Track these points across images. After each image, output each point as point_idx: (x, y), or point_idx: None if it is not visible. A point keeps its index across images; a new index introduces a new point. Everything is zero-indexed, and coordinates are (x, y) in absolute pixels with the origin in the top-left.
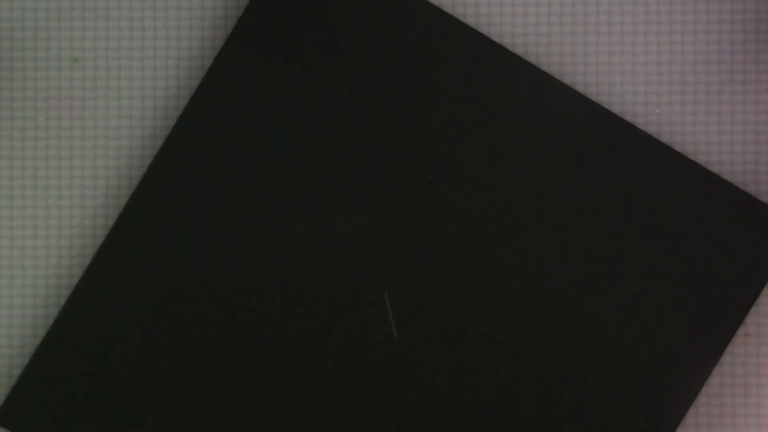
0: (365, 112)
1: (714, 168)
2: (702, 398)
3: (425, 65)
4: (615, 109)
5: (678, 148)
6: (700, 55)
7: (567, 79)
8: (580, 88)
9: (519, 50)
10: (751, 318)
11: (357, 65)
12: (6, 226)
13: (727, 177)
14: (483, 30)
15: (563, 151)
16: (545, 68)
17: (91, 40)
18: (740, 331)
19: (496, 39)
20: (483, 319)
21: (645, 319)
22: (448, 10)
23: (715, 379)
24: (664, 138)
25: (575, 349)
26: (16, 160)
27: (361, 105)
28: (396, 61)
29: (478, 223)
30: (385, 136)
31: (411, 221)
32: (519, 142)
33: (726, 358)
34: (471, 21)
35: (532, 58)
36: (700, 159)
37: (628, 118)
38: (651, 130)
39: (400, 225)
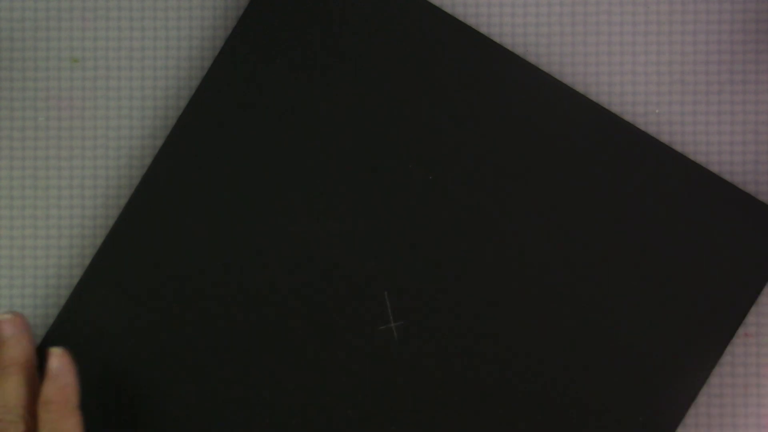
0: (365, 113)
1: (714, 168)
2: (702, 398)
3: (425, 65)
4: (615, 109)
5: (678, 148)
6: (700, 55)
7: (567, 80)
8: (580, 89)
9: (519, 50)
10: (751, 318)
11: (357, 65)
12: (6, 226)
13: (727, 177)
14: (483, 30)
15: (563, 151)
16: (545, 68)
17: (91, 40)
18: (740, 331)
19: (496, 39)
20: (483, 319)
21: (645, 318)
22: (448, 10)
23: (715, 379)
24: (664, 138)
25: (575, 349)
26: (16, 160)
27: (361, 105)
28: (396, 61)
29: (478, 223)
30: (384, 136)
31: (411, 221)
32: (519, 142)
33: (726, 358)
34: (471, 21)
35: (531, 59)
36: (700, 159)
37: (628, 118)
38: (651, 130)
39: (401, 225)
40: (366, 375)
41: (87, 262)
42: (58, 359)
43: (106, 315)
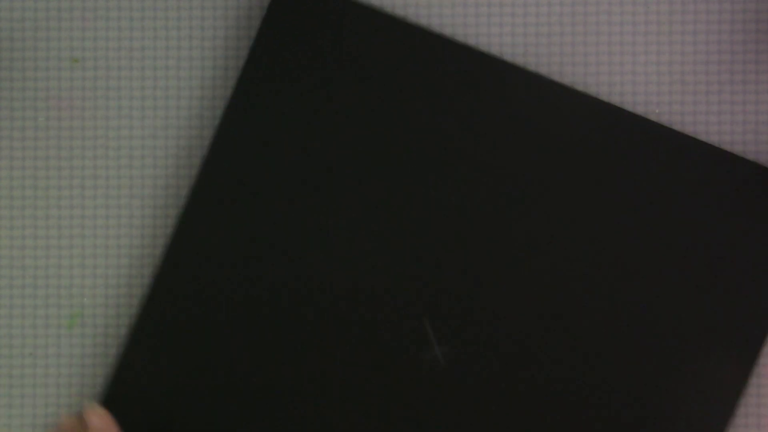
0: (381, 137)
1: None
2: None
3: (434, 89)
4: None
5: None
6: (700, 55)
7: (567, 80)
8: (580, 89)
9: (519, 50)
10: None
11: (368, 92)
12: (6, 226)
13: None
14: (483, 41)
15: (578, 154)
16: (545, 69)
17: (91, 40)
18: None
19: (496, 44)
20: (525, 334)
21: (692, 322)
22: (448, 30)
23: None
24: None
25: (621, 362)
26: (16, 160)
27: (377, 129)
28: (408, 87)
29: (509, 238)
30: (404, 163)
31: (440, 245)
32: (538, 153)
33: None
34: (471, 31)
35: (531, 59)
36: None
37: None
38: None
39: (430, 250)
40: (418, 404)
41: (87, 261)
42: (99, 418)
43: (154, 382)
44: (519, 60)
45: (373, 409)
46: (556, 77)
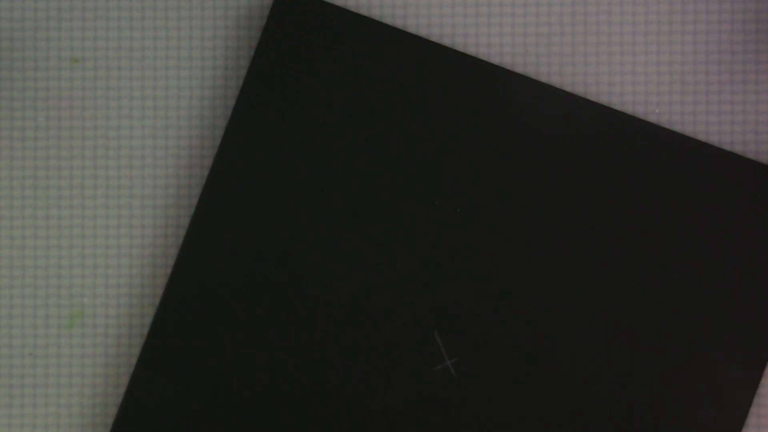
0: (383, 155)
1: None
2: None
3: (433, 100)
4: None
5: None
6: (700, 55)
7: (567, 80)
8: (579, 89)
9: (519, 50)
10: None
11: (375, 99)
12: (6, 226)
13: None
14: (483, 41)
15: (580, 158)
16: (545, 68)
17: (91, 40)
18: None
19: (497, 48)
20: (534, 341)
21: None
22: (448, 41)
23: None
24: None
25: (621, 368)
26: (16, 160)
27: (378, 148)
28: (408, 99)
29: (515, 243)
30: (403, 176)
31: (446, 256)
32: (540, 160)
33: None
34: (471, 41)
35: (531, 59)
36: None
37: None
38: None
39: (437, 262)
40: (429, 415)
41: (87, 261)
42: None
43: (163, 401)
44: (519, 61)
45: (385, 421)
46: (556, 77)
